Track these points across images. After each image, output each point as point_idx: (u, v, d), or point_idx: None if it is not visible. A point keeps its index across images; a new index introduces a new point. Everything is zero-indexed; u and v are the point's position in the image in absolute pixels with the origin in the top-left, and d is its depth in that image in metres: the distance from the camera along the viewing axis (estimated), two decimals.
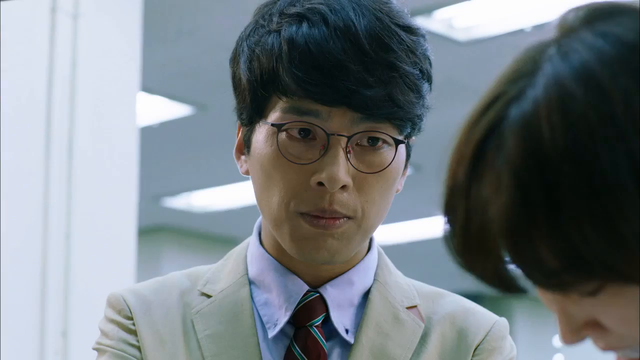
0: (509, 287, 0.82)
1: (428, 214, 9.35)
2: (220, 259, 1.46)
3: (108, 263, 3.66)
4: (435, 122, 1.39)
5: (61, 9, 3.61)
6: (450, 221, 0.82)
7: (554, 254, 0.75)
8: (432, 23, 5.24)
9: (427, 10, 5.13)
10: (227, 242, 10.00)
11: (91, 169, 3.65)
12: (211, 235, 10.07)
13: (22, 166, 3.48)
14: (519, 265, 0.77)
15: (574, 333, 0.80)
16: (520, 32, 5.27)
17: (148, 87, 5.67)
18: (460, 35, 5.40)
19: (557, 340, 11.82)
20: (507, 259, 0.78)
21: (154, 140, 6.78)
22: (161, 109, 6.56)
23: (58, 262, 3.51)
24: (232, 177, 8.02)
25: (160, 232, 9.88)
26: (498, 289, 0.82)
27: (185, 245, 10.03)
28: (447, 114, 3.26)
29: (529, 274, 0.77)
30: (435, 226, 9.78)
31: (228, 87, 1.41)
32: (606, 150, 0.73)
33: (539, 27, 5.15)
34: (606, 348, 0.81)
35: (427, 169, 7.39)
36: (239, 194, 8.57)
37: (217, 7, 5.03)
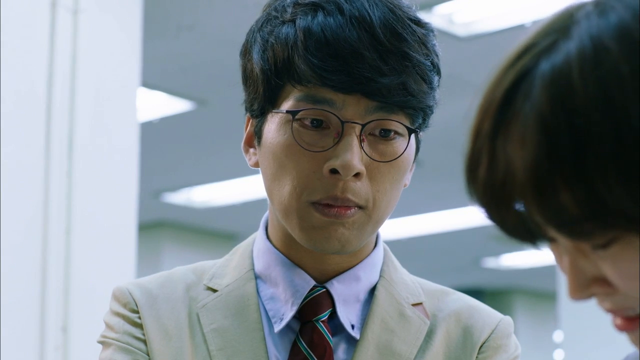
0: (528, 237, 0.82)
1: (429, 210, 9.35)
2: (220, 254, 1.47)
3: (108, 258, 3.66)
4: (436, 118, 1.39)
5: (61, 5, 3.61)
6: (473, 169, 0.82)
7: (577, 202, 0.76)
8: (432, 18, 5.23)
9: (427, 6, 5.13)
10: (228, 237, 10.01)
11: (91, 164, 3.65)
12: (211, 231, 10.08)
13: (22, 161, 3.48)
14: (540, 213, 0.78)
15: (582, 289, 0.81)
16: (520, 28, 5.27)
17: (148, 82, 5.67)
18: (461, 31, 5.40)
19: (557, 336, 11.82)
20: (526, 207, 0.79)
21: (154, 136, 6.78)
22: (161, 105, 6.56)
23: (58, 258, 3.51)
24: (232, 173, 8.02)
25: (160, 228, 9.89)
26: (517, 239, 0.83)
27: (185, 240, 10.03)
28: (447, 109, 3.27)
29: (549, 221, 0.78)
30: (435, 222, 9.78)
31: (228, 82, 1.41)
32: (636, 103, 0.74)
33: (539, 23, 5.15)
34: (611, 309, 0.82)
35: (428, 164, 7.39)
36: (240, 190, 8.58)
37: (217, 2, 5.03)
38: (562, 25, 0.80)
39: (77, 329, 3.52)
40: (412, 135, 1.33)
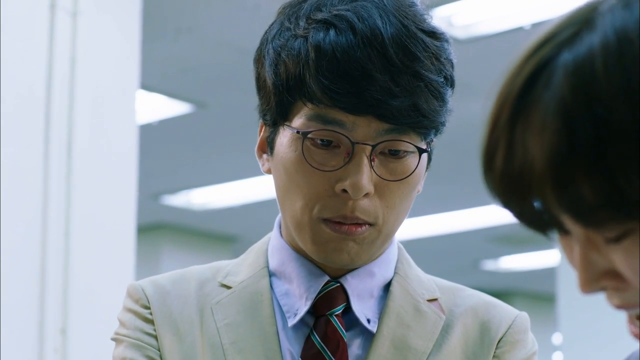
0: (543, 227, 0.82)
1: (427, 212, 9.35)
2: (219, 256, 1.48)
3: (107, 261, 3.66)
4: None
5: (60, 7, 3.61)
6: (489, 159, 0.82)
7: (595, 191, 0.76)
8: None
9: (427, 8, 5.13)
10: (227, 240, 10.00)
11: (90, 166, 3.65)
12: (210, 233, 10.08)
13: (22, 164, 3.48)
14: (557, 201, 0.78)
15: (592, 282, 0.81)
16: (519, 30, 5.27)
17: (147, 84, 5.67)
18: (460, 33, 5.40)
19: (556, 339, 11.82)
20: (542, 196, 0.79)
21: (153, 138, 6.78)
22: (160, 107, 6.56)
23: (57, 260, 3.51)
24: (231, 175, 8.02)
25: (159, 230, 9.88)
26: (533, 228, 0.83)
27: (184, 243, 10.03)
28: None
29: (566, 209, 0.78)
30: (434, 224, 9.78)
31: (227, 84, 1.41)
32: None
33: (538, 25, 5.16)
34: (620, 305, 0.82)
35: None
36: (239, 192, 8.57)
37: (216, 4, 5.03)
38: (585, 17, 0.80)
39: (76, 331, 3.52)
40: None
